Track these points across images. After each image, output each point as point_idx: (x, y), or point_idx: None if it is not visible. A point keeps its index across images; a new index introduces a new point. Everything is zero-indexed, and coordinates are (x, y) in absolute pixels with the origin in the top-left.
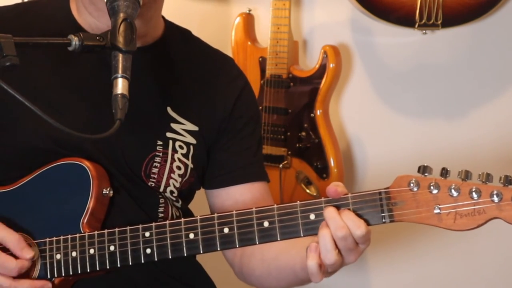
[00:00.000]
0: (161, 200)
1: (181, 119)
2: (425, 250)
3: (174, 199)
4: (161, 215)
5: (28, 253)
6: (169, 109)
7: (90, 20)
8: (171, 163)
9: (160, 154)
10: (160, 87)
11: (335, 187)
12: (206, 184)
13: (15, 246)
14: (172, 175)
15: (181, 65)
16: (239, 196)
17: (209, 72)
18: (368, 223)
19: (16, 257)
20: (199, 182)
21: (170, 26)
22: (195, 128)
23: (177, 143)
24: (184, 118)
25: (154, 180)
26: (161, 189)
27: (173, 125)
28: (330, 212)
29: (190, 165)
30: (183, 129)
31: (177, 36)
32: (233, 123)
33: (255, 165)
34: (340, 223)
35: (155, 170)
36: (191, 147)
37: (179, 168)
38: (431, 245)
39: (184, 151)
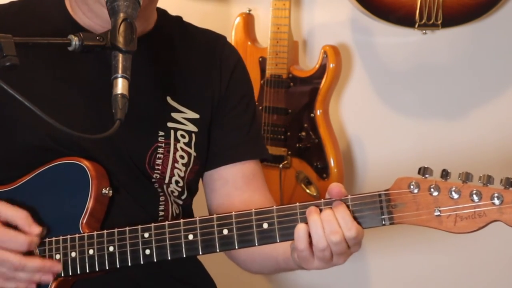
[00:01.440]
0: (162, 198)
1: (182, 107)
2: (426, 248)
3: (179, 191)
4: (161, 213)
5: (36, 229)
6: (168, 99)
7: (84, 19)
8: (174, 153)
9: (163, 145)
10: (158, 77)
11: (339, 188)
12: None
13: (24, 223)
14: (176, 164)
15: (176, 52)
16: (230, 176)
17: (204, 55)
18: (366, 225)
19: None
20: (203, 168)
21: (162, 14)
22: (196, 116)
23: (179, 132)
24: (185, 106)
25: (159, 172)
26: (166, 180)
27: (174, 115)
28: (328, 216)
29: (193, 154)
30: (184, 118)
31: (170, 24)
32: (226, 100)
33: (248, 144)
34: (335, 228)
35: (158, 161)
36: (193, 135)
37: (182, 157)
38: (431, 242)
39: (186, 140)
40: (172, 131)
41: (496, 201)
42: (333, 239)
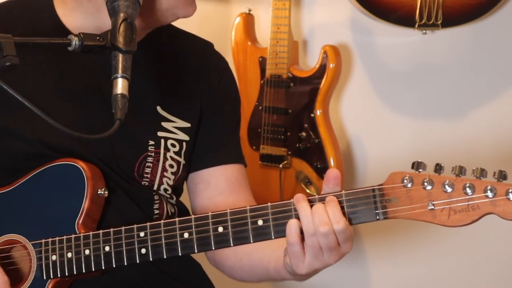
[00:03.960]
0: (156, 197)
1: (172, 117)
2: (425, 245)
3: (168, 196)
4: (156, 211)
5: None
6: (159, 108)
7: (74, 23)
8: (164, 162)
9: (152, 154)
10: (148, 87)
11: (335, 173)
12: None
13: (1, 285)
14: (165, 173)
15: (165, 61)
16: (212, 179)
17: (192, 63)
18: (360, 220)
19: None
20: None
21: None
22: (187, 124)
23: (169, 142)
24: (175, 116)
25: (148, 180)
26: (155, 187)
27: (164, 124)
28: (318, 208)
29: (182, 162)
30: (175, 127)
31: (159, 32)
32: (212, 107)
33: (230, 148)
34: (325, 219)
35: (148, 170)
36: (184, 144)
37: (171, 166)
38: (431, 239)
39: (177, 149)
40: (162, 140)
41: (489, 194)
42: (322, 230)
